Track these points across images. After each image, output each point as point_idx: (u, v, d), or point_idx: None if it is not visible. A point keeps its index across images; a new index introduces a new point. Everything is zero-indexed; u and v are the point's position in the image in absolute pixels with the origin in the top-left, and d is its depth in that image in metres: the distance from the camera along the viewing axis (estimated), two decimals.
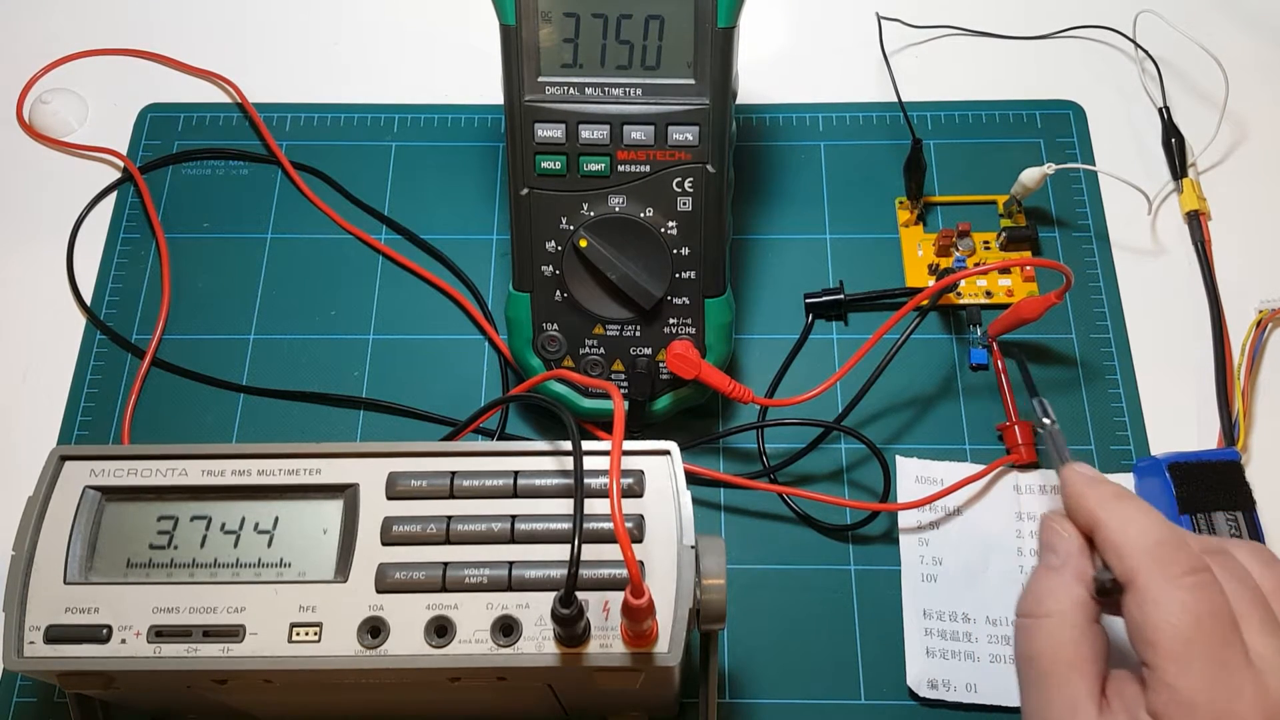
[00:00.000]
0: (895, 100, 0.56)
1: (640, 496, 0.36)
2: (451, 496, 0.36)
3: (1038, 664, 0.35)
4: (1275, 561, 0.36)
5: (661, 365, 0.47)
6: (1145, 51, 0.59)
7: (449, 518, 0.36)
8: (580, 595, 0.33)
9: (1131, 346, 0.51)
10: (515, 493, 0.36)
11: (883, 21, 0.59)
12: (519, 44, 0.43)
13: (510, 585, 0.35)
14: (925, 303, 0.50)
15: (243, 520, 0.36)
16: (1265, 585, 0.35)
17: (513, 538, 0.35)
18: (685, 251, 0.45)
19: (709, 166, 0.44)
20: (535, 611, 0.34)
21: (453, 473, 0.36)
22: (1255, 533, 0.44)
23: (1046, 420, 0.44)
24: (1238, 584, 0.34)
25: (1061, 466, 0.39)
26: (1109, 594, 0.35)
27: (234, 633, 0.34)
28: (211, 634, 0.34)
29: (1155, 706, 0.32)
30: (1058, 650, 0.35)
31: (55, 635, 0.34)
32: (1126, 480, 0.48)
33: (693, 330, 0.46)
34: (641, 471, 0.36)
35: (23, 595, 0.35)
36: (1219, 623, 0.32)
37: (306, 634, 0.34)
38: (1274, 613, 0.34)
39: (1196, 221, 0.54)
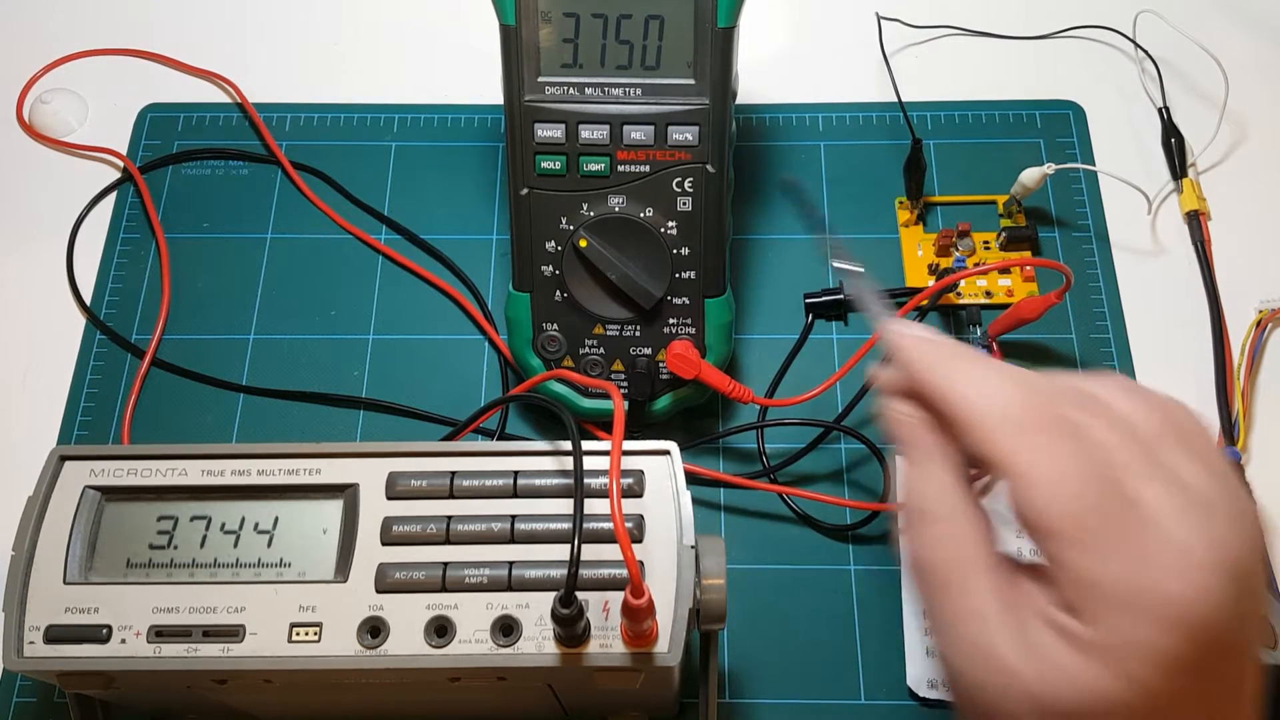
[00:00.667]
0: (895, 100, 0.56)
1: (640, 496, 0.36)
2: (451, 496, 0.36)
3: (931, 569, 0.32)
4: (1136, 389, 0.32)
5: (661, 365, 0.47)
6: (1145, 51, 0.59)
7: (449, 518, 0.36)
8: (580, 595, 0.33)
9: (1131, 346, 0.51)
10: (515, 493, 0.36)
11: (883, 21, 0.59)
12: (519, 44, 0.43)
13: (510, 585, 0.35)
14: (925, 303, 0.50)
15: (243, 520, 0.36)
16: (1140, 424, 0.31)
17: (513, 538, 0.35)
18: (685, 251, 0.45)
19: (709, 166, 0.44)
20: (535, 611, 0.34)
21: (453, 473, 0.36)
22: None
23: (842, 264, 0.38)
24: (1109, 431, 0.30)
25: (881, 324, 0.34)
26: (981, 474, 0.32)
27: (234, 633, 0.34)
28: (211, 634, 0.34)
29: (1067, 599, 0.29)
30: (948, 549, 0.31)
31: (55, 635, 0.34)
32: None
33: (693, 330, 0.46)
34: (641, 471, 0.36)
35: (23, 595, 0.35)
36: (1107, 486, 0.29)
37: (306, 634, 0.34)
38: (1155, 454, 0.30)
39: (1196, 221, 0.54)
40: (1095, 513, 0.28)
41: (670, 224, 0.45)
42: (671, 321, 0.46)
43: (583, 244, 0.45)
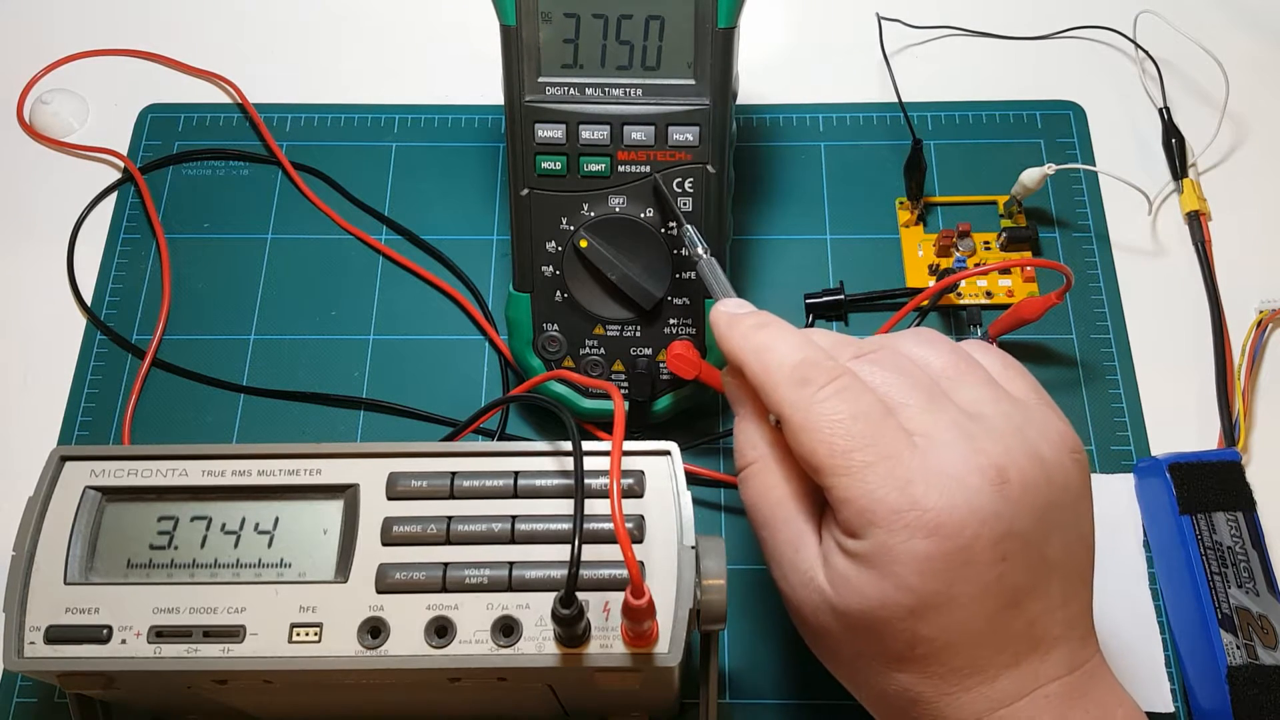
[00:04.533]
0: (895, 100, 0.56)
1: (640, 497, 0.36)
2: (452, 497, 0.36)
3: (757, 510, 0.36)
4: (938, 340, 0.36)
5: (662, 365, 0.47)
6: (1145, 52, 0.59)
7: (449, 518, 0.36)
8: (580, 596, 0.33)
9: (1131, 346, 0.51)
10: (515, 493, 0.36)
11: (883, 22, 0.59)
12: (519, 44, 0.43)
13: (510, 585, 0.35)
14: (925, 303, 0.50)
15: (243, 520, 0.36)
16: (932, 366, 0.35)
17: (513, 538, 0.35)
18: (685, 252, 0.45)
19: (709, 167, 0.44)
20: (535, 612, 0.34)
21: (453, 473, 0.36)
22: (1256, 534, 0.44)
23: (701, 252, 0.42)
24: (892, 374, 0.34)
25: (716, 300, 0.39)
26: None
27: (234, 633, 0.34)
28: (212, 634, 0.34)
29: (845, 522, 0.32)
30: (768, 492, 0.35)
31: (55, 635, 0.34)
32: (1126, 481, 0.48)
33: (693, 330, 0.46)
34: (642, 472, 0.36)
35: (23, 595, 0.35)
36: (868, 421, 0.32)
37: (307, 634, 0.34)
38: (939, 390, 0.34)
39: (1197, 222, 0.54)
40: (862, 448, 0.32)
41: (670, 224, 0.45)
42: (672, 322, 0.46)
43: (583, 244, 0.45)
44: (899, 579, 0.31)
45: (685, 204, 0.44)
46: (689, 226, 0.43)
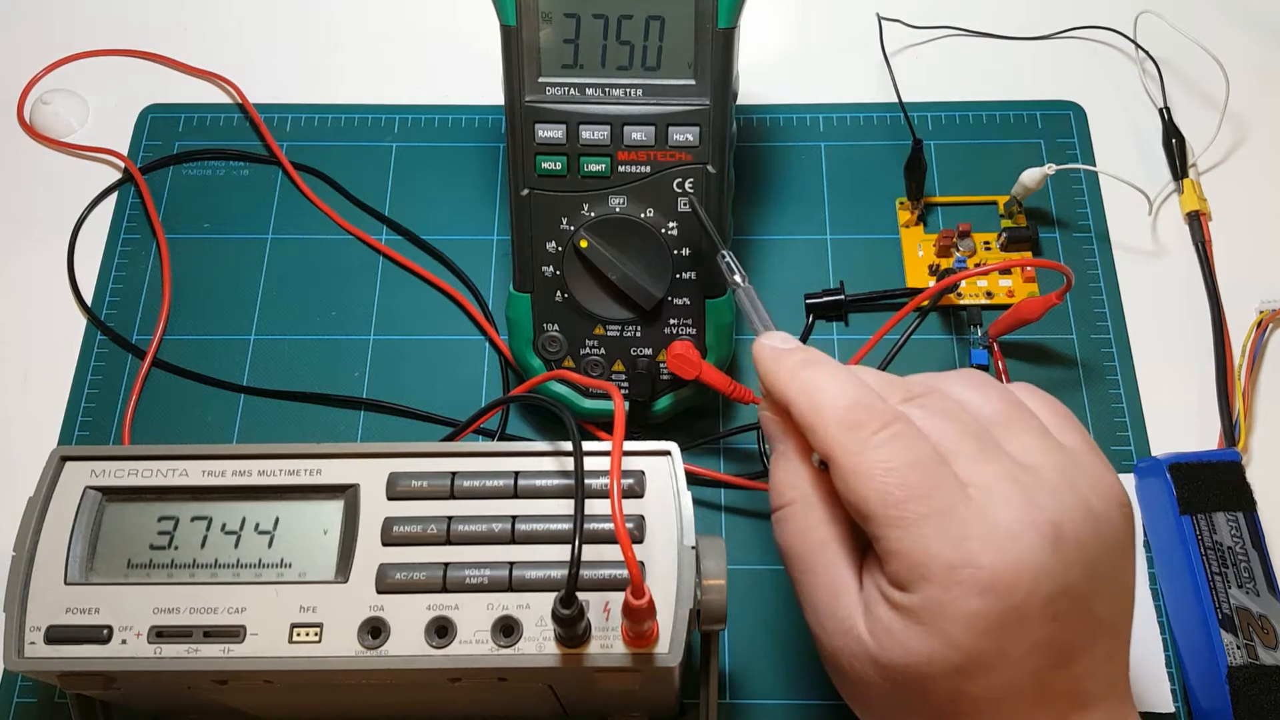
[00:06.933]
0: (895, 100, 0.56)
1: (641, 497, 0.36)
2: (452, 497, 0.36)
3: (794, 553, 0.35)
4: (988, 385, 0.35)
5: (662, 366, 0.47)
6: (1145, 52, 0.59)
7: (449, 518, 0.36)
8: (581, 596, 0.33)
9: (1131, 346, 0.51)
10: (516, 493, 0.36)
11: (883, 22, 0.59)
12: (519, 44, 0.43)
13: (511, 586, 0.35)
14: (926, 303, 0.50)
15: (243, 521, 0.36)
16: (983, 412, 0.34)
17: (513, 538, 0.35)
18: (686, 252, 0.45)
19: (709, 167, 0.44)
20: (536, 612, 0.34)
21: (453, 473, 0.36)
22: (1256, 534, 0.44)
23: (738, 279, 0.40)
24: (943, 420, 0.33)
25: (756, 333, 0.38)
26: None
27: (234, 633, 0.34)
28: (212, 634, 0.34)
29: (895, 575, 0.31)
30: (808, 534, 0.34)
31: (56, 636, 0.34)
32: (1127, 481, 0.48)
33: (693, 331, 0.46)
34: (642, 472, 0.36)
35: (23, 596, 0.35)
36: (924, 471, 0.31)
37: (307, 634, 0.34)
38: (991, 438, 0.33)
39: (1197, 222, 0.54)
40: (917, 499, 0.31)
41: (671, 224, 0.45)
42: (672, 322, 0.46)
43: (583, 244, 0.45)
44: (949, 636, 0.30)
45: (684, 204, 0.44)
46: (725, 251, 0.41)
